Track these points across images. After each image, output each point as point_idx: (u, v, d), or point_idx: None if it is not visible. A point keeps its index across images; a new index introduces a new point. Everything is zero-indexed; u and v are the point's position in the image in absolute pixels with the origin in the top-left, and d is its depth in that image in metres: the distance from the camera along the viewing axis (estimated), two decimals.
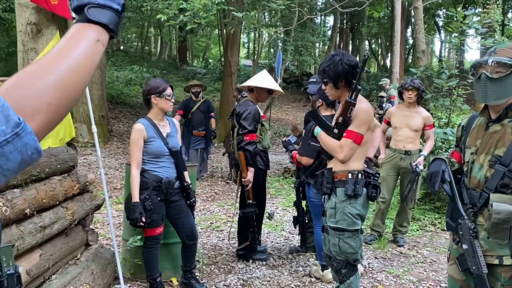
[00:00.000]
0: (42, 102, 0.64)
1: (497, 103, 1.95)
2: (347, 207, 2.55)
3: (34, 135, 0.61)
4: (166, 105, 3.16)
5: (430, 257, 4.43)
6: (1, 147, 0.57)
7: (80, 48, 0.70)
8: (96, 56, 0.73)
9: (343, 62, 2.50)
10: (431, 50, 29.92)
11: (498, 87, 1.91)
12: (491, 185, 1.94)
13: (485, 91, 1.95)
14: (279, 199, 6.65)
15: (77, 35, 0.72)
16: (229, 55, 11.74)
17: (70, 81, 0.68)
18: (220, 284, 3.59)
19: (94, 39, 0.72)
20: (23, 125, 0.59)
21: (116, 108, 13.52)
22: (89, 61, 0.71)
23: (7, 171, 0.59)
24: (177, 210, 3.26)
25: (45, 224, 2.58)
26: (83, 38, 0.71)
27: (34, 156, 0.61)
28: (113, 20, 0.75)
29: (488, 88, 1.93)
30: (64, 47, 0.70)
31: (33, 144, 0.61)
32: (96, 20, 0.73)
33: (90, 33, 0.72)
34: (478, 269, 1.92)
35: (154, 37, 31.35)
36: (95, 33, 0.73)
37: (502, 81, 1.90)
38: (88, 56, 0.71)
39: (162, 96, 3.12)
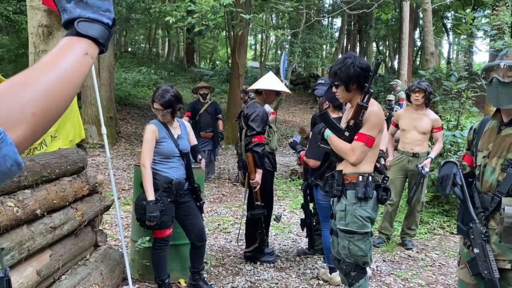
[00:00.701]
0: (27, 112, 0.63)
1: (509, 107, 1.94)
2: (357, 209, 2.54)
3: (14, 146, 0.59)
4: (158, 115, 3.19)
5: (439, 260, 4.40)
6: None
7: (68, 60, 0.70)
8: (85, 69, 0.73)
9: (355, 65, 2.50)
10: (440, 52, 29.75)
11: (510, 91, 1.90)
12: (503, 188, 1.93)
13: (497, 95, 1.94)
14: (286, 201, 6.64)
15: (66, 48, 0.72)
16: (237, 57, 11.76)
17: (56, 92, 0.67)
18: (228, 286, 3.59)
19: (83, 52, 0.72)
20: (2, 136, 0.57)
21: (124, 109, 13.59)
22: (76, 74, 0.71)
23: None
24: (186, 211, 3.27)
25: (55, 224, 2.60)
26: (72, 51, 0.72)
27: (13, 169, 0.59)
28: (103, 34, 0.75)
29: (500, 92, 1.92)
30: (53, 59, 0.70)
31: (13, 155, 0.59)
32: (85, 34, 0.73)
33: (79, 46, 0.72)
34: (490, 273, 1.90)
35: (162, 39, 31.48)
36: (84, 46, 0.73)
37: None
38: (76, 69, 0.71)
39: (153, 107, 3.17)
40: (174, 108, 3.14)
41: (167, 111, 3.11)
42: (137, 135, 11.23)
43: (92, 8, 0.74)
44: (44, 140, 3.09)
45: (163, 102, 3.08)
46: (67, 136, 3.20)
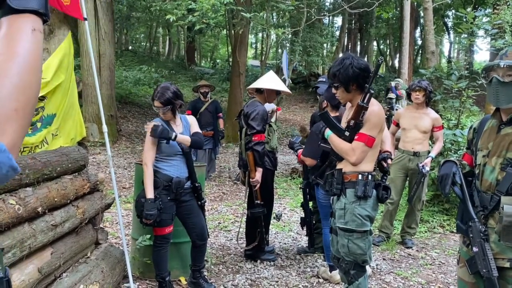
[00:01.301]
0: (8, 111, 0.60)
1: (509, 107, 1.95)
2: (356, 208, 2.55)
3: (7, 152, 0.58)
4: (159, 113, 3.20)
5: (439, 259, 4.41)
6: None
7: (21, 43, 0.65)
8: (39, 45, 0.67)
9: (354, 65, 2.50)
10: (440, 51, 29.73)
11: (509, 91, 1.91)
12: (502, 188, 1.94)
13: (496, 95, 1.94)
14: (286, 199, 6.65)
15: (11, 31, 0.65)
16: (237, 56, 11.76)
17: (26, 79, 0.63)
18: (228, 284, 3.60)
19: (30, 28, 0.66)
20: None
21: (125, 107, 13.60)
22: (35, 54, 0.66)
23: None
24: (188, 210, 3.28)
25: (56, 222, 2.61)
26: (19, 32, 0.65)
27: (9, 174, 0.59)
28: (40, 2, 0.68)
29: (499, 91, 1.93)
30: (6, 47, 0.64)
31: (7, 162, 0.58)
32: (22, 8, 0.66)
33: (23, 24, 0.66)
34: (489, 272, 1.91)
35: (163, 37, 31.48)
36: (28, 22, 0.66)
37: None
38: (32, 48, 0.66)
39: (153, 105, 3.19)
40: (174, 105, 3.15)
41: (167, 108, 3.12)
42: (137, 133, 11.24)
43: None
44: (46, 138, 3.10)
45: (162, 100, 3.09)
46: (68, 134, 3.21)
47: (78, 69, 10.41)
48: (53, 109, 3.11)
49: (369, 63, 2.65)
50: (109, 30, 10.05)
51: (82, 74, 9.70)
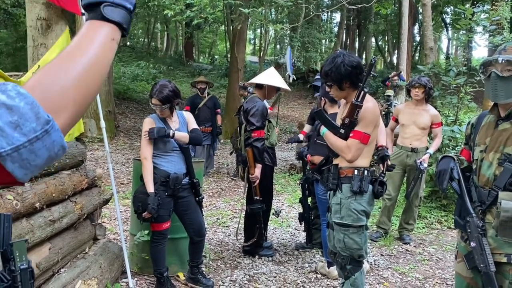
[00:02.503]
0: (68, 99, 0.65)
1: (506, 102, 1.95)
2: (352, 203, 2.56)
3: (61, 132, 0.62)
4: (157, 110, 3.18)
5: (436, 254, 4.43)
6: (31, 143, 0.58)
7: (96, 46, 0.71)
8: (111, 54, 0.74)
9: (345, 63, 2.49)
10: (439, 47, 29.72)
11: (508, 86, 1.91)
12: (500, 183, 1.94)
13: (495, 90, 1.94)
14: (285, 195, 6.66)
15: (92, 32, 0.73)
16: (236, 51, 11.73)
17: (90, 77, 0.69)
18: (227, 279, 3.61)
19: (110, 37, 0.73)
20: (52, 123, 0.60)
21: (123, 103, 13.57)
22: (105, 58, 0.72)
23: (34, 167, 0.60)
24: (185, 206, 3.28)
25: (54, 218, 2.61)
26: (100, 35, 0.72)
27: (59, 153, 0.63)
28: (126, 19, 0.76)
29: (498, 86, 1.93)
30: (82, 44, 0.71)
31: (60, 141, 0.62)
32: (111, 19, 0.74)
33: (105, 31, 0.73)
34: (486, 267, 1.92)
35: (161, 33, 31.38)
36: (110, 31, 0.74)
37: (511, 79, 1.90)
38: (104, 54, 0.72)
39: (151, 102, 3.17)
40: (172, 103, 3.14)
41: (166, 106, 3.11)
42: (135, 129, 11.22)
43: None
44: None
45: (161, 98, 3.07)
46: None
47: None
48: None
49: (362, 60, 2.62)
50: None
51: None
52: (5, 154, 0.57)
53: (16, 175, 0.59)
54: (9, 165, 0.57)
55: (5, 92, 0.59)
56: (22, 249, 1.02)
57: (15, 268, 0.97)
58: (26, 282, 1.00)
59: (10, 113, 0.57)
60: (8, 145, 0.57)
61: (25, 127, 0.58)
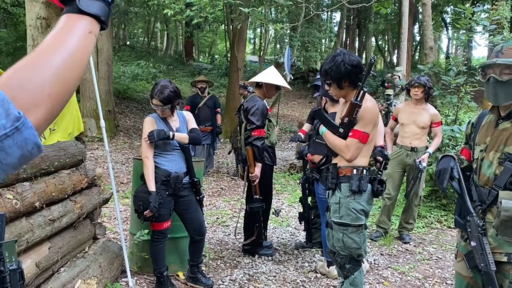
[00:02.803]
0: (42, 95, 0.63)
1: (507, 104, 1.95)
2: (351, 202, 2.56)
3: (34, 129, 0.60)
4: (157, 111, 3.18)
5: (436, 254, 4.43)
6: (1, 141, 0.56)
7: (74, 39, 0.69)
8: (90, 48, 0.72)
9: (345, 62, 2.49)
10: (439, 47, 29.72)
11: (507, 89, 1.91)
12: (500, 182, 1.94)
13: (495, 94, 1.94)
14: (284, 195, 6.66)
15: (69, 26, 0.70)
16: (236, 51, 11.72)
17: (67, 72, 0.67)
18: (226, 278, 3.61)
19: (87, 30, 0.71)
20: (23, 119, 0.58)
21: (123, 103, 13.56)
22: (83, 53, 0.70)
23: (6, 166, 0.58)
24: (186, 205, 3.28)
25: (54, 217, 2.60)
26: (77, 29, 0.70)
27: (33, 151, 0.61)
28: (104, 11, 0.74)
29: (497, 90, 1.93)
30: (58, 38, 0.69)
31: (33, 138, 0.60)
32: (87, 11, 0.71)
33: (82, 24, 0.71)
34: (487, 266, 1.92)
35: (161, 32, 31.37)
36: (88, 24, 0.71)
37: (511, 83, 1.89)
38: (82, 48, 0.70)
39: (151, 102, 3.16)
40: (173, 103, 3.14)
41: (167, 107, 3.10)
42: (135, 128, 11.21)
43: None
44: (43, 133, 3.09)
45: (162, 98, 3.07)
46: (66, 129, 3.20)
47: None
48: None
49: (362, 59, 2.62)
50: None
51: None
52: None
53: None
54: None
55: None
56: (11, 249, 1.00)
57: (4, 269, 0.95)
58: (15, 283, 0.98)
59: None
60: None
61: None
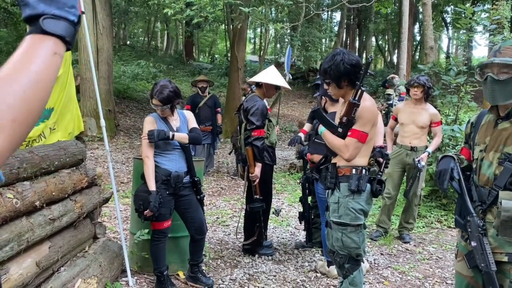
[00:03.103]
0: (5, 120, 0.60)
1: (505, 104, 1.95)
2: (350, 202, 2.56)
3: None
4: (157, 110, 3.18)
5: (436, 254, 4.43)
6: None
7: (38, 61, 0.66)
8: (55, 69, 0.69)
9: (345, 62, 2.49)
10: (439, 46, 29.70)
11: (505, 88, 1.90)
12: (500, 182, 1.94)
13: (492, 93, 1.94)
14: (285, 194, 6.66)
15: (34, 48, 0.68)
16: (236, 51, 11.72)
17: (32, 95, 0.64)
18: (226, 278, 3.61)
19: (52, 51, 0.69)
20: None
21: (123, 102, 13.56)
22: (48, 75, 0.68)
23: None
24: (186, 204, 3.28)
25: (54, 216, 2.61)
26: (41, 50, 0.68)
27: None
28: (69, 31, 0.71)
29: (495, 90, 1.92)
30: (22, 61, 0.66)
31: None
32: (52, 32, 0.69)
33: (47, 45, 0.68)
34: (487, 266, 1.92)
35: (161, 32, 31.36)
36: (52, 45, 0.69)
37: (508, 82, 1.89)
38: (47, 69, 0.67)
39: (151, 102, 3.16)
40: (173, 103, 3.14)
41: (166, 107, 3.11)
42: (136, 128, 11.22)
43: (56, 4, 0.69)
44: (43, 132, 3.09)
45: (161, 98, 3.07)
46: (66, 128, 3.20)
47: (76, 63, 10.37)
48: (50, 103, 3.10)
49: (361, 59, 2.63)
50: (107, 25, 10.01)
51: (80, 68, 9.67)
52: None
53: None
54: None
55: None
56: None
57: None
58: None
59: None
60: None
61: None
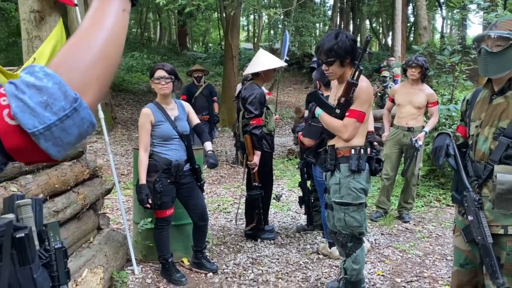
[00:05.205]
0: (92, 76, 0.66)
1: (497, 77, 1.97)
2: (351, 182, 2.61)
3: (89, 109, 0.64)
4: (156, 89, 3.17)
5: (436, 231, 4.49)
6: (62, 121, 0.61)
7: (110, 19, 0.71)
8: (125, 25, 0.74)
9: (349, 38, 2.55)
10: (433, 27, 29.56)
11: (498, 61, 1.92)
12: (495, 157, 1.97)
13: (485, 66, 1.96)
14: (284, 180, 6.71)
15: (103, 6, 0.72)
16: (230, 39, 11.67)
17: (110, 51, 0.69)
18: (230, 263, 3.67)
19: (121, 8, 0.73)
20: (79, 100, 0.63)
21: (119, 95, 13.53)
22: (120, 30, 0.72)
23: (66, 144, 0.63)
24: (188, 192, 3.32)
25: (58, 208, 2.64)
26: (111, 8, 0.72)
27: (89, 129, 0.65)
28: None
29: (488, 62, 1.94)
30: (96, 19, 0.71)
31: (89, 118, 0.64)
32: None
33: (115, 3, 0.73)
34: (483, 239, 1.96)
35: (153, 22, 31.10)
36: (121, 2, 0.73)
37: (502, 54, 1.91)
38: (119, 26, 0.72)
39: (153, 80, 3.15)
40: (176, 77, 3.16)
41: (170, 79, 3.11)
42: (133, 120, 11.21)
43: None
44: None
45: (168, 68, 3.10)
46: None
47: None
48: None
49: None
50: None
51: None
52: (38, 133, 0.60)
53: (50, 152, 0.62)
54: (43, 143, 0.61)
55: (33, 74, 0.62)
56: (55, 229, 1.07)
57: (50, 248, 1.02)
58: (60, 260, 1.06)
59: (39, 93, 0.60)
60: (41, 124, 0.60)
61: (55, 106, 0.61)
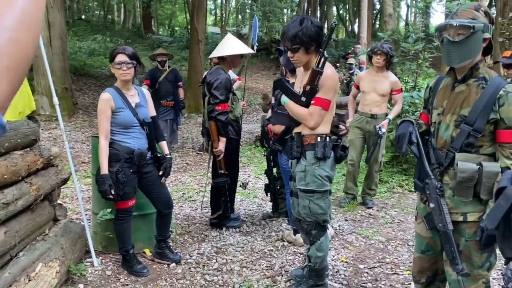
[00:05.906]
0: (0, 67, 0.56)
1: (461, 66, 1.97)
2: (316, 169, 2.59)
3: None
4: (117, 74, 3.02)
5: (398, 217, 4.58)
6: None
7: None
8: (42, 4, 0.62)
9: (315, 24, 2.49)
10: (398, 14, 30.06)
11: (460, 50, 1.92)
12: (456, 144, 1.98)
13: (448, 55, 1.95)
14: (251, 167, 6.67)
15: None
16: (196, 22, 11.43)
17: (22, 35, 0.58)
18: (194, 252, 3.60)
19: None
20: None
21: (80, 80, 13.04)
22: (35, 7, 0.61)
23: None
24: (151, 180, 3.21)
25: (8, 200, 2.49)
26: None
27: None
28: None
29: (451, 51, 1.94)
30: None
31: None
32: None
33: None
34: (444, 226, 1.98)
35: (117, 4, 30.06)
36: None
37: (464, 43, 1.90)
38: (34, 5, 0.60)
39: (113, 65, 3.00)
40: (138, 61, 3.02)
41: (131, 64, 2.97)
42: (95, 106, 10.83)
43: None
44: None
45: (129, 53, 2.95)
46: (15, 108, 3.02)
47: None
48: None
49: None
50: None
51: None
52: None
53: None
54: None
55: None
56: None
57: None
58: None
59: None
60: None
61: None
